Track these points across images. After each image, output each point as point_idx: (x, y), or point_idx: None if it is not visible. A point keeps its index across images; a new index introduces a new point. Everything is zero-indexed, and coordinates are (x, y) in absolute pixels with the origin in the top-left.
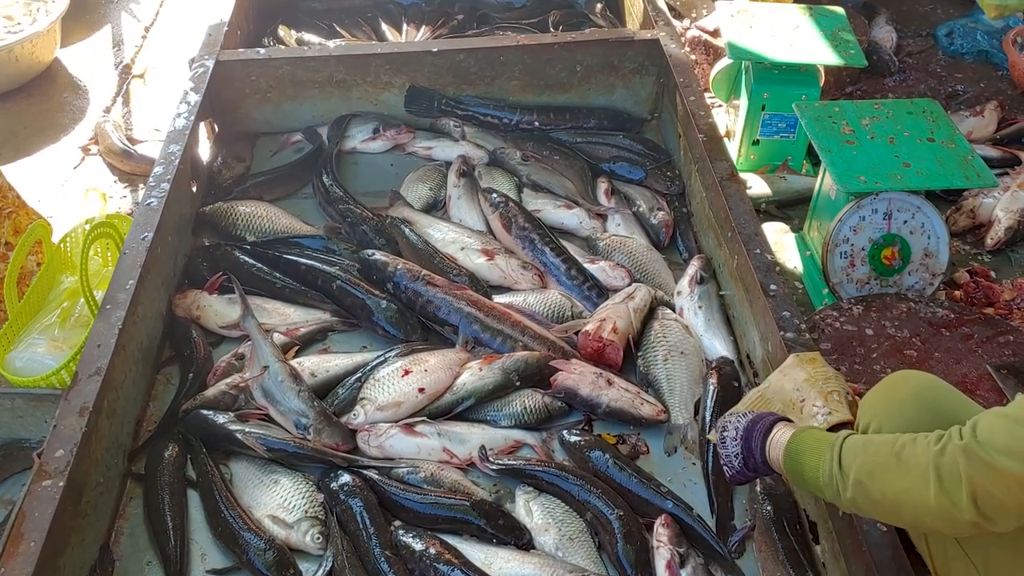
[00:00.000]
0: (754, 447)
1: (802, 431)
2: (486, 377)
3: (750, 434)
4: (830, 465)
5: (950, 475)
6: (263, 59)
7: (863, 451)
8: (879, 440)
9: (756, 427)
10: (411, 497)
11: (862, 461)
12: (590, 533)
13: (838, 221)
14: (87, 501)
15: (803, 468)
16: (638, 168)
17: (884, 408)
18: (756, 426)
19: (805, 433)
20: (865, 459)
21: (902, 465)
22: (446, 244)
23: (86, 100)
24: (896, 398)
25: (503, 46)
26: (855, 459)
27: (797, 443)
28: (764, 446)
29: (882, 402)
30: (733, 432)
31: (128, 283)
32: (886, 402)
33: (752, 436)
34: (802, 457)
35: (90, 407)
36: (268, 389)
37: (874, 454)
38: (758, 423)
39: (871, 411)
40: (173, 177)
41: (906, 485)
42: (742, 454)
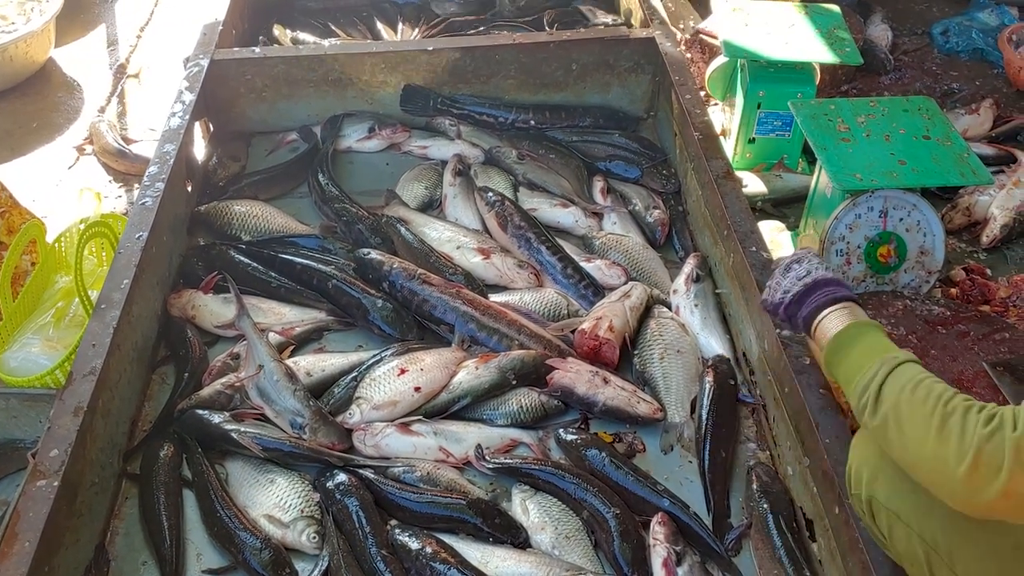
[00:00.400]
0: (807, 305)
1: (863, 327)
2: (482, 376)
3: (813, 292)
4: (870, 380)
5: (990, 463)
6: (258, 58)
7: (910, 392)
8: (928, 390)
9: (823, 289)
10: (407, 496)
11: (903, 403)
12: (586, 531)
13: (834, 219)
14: (82, 501)
15: (843, 362)
16: (634, 167)
17: (878, 457)
18: (825, 288)
19: (865, 330)
20: (907, 403)
21: (942, 433)
22: (442, 243)
23: (81, 100)
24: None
25: (499, 44)
26: (897, 395)
27: (851, 335)
28: (817, 313)
29: (875, 449)
30: (803, 274)
31: (123, 282)
32: (880, 451)
33: (814, 295)
34: (849, 351)
35: (85, 407)
36: (264, 388)
37: (919, 404)
38: (828, 288)
39: (863, 457)
40: (168, 176)
41: (937, 452)
42: (791, 302)
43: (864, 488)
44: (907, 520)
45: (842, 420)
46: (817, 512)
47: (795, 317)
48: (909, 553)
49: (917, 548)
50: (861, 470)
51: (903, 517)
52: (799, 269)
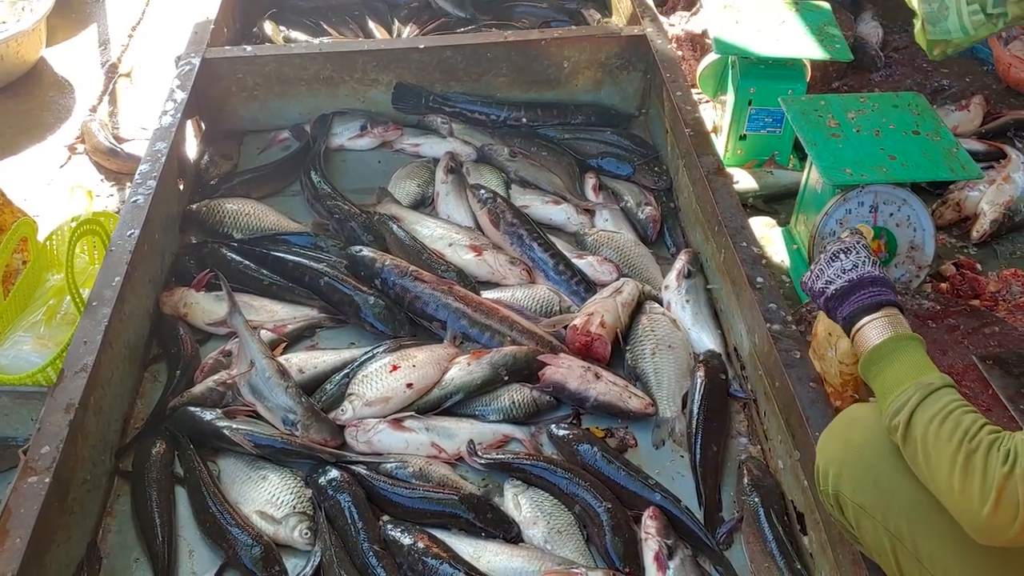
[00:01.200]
0: (849, 304)
1: (903, 341)
2: (474, 372)
3: (857, 290)
4: (903, 404)
5: (1010, 503)
6: (249, 56)
7: (938, 425)
8: (956, 424)
9: (868, 290)
10: (399, 492)
11: (931, 435)
12: (578, 526)
13: (824, 214)
14: (74, 498)
15: (879, 376)
16: (626, 164)
17: (842, 454)
18: (870, 289)
19: (904, 344)
20: (934, 435)
21: (966, 472)
22: (434, 240)
23: (72, 99)
24: (853, 443)
25: (490, 42)
26: (926, 425)
27: (890, 349)
28: (858, 316)
29: (839, 447)
30: (849, 267)
31: (114, 280)
32: (843, 447)
33: (857, 294)
34: (887, 367)
35: (76, 404)
36: (255, 386)
37: (945, 439)
38: (873, 288)
39: (828, 455)
40: (160, 174)
41: (963, 490)
42: (833, 295)
43: (831, 484)
44: (872, 513)
45: (832, 413)
46: (808, 505)
47: (834, 312)
48: (876, 544)
49: (883, 539)
50: (827, 467)
51: (868, 510)
52: (845, 261)
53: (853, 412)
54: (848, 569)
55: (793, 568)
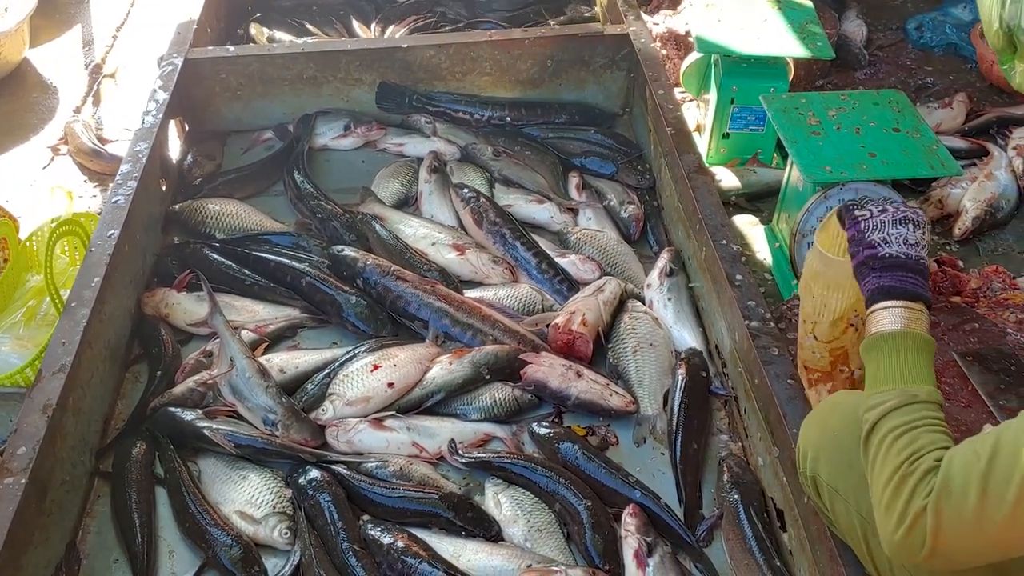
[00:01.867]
0: (883, 277)
1: (911, 341)
2: (456, 371)
3: (900, 269)
4: (879, 403)
5: (919, 534)
6: (232, 56)
7: (894, 438)
8: (910, 441)
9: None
10: (380, 491)
11: (886, 445)
12: (559, 524)
13: (805, 212)
14: (52, 499)
15: (874, 362)
16: (609, 163)
17: (819, 437)
18: (911, 275)
19: (911, 345)
20: (887, 447)
21: (897, 492)
22: (417, 240)
23: (56, 100)
24: (830, 428)
25: (473, 42)
26: (887, 433)
27: (895, 344)
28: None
29: (817, 430)
30: (912, 241)
31: (94, 280)
32: (821, 431)
33: (898, 272)
34: (884, 358)
35: (54, 404)
36: (236, 386)
37: (894, 454)
38: (914, 277)
39: (807, 438)
40: (140, 175)
41: (888, 507)
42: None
43: (808, 466)
44: (845, 496)
45: (809, 409)
46: (787, 502)
47: (868, 273)
48: (849, 527)
49: (855, 522)
50: (806, 450)
51: (842, 493)
52: (913, 233)
53: (835, 398)
54: (826, 565)
55: (772, 565)
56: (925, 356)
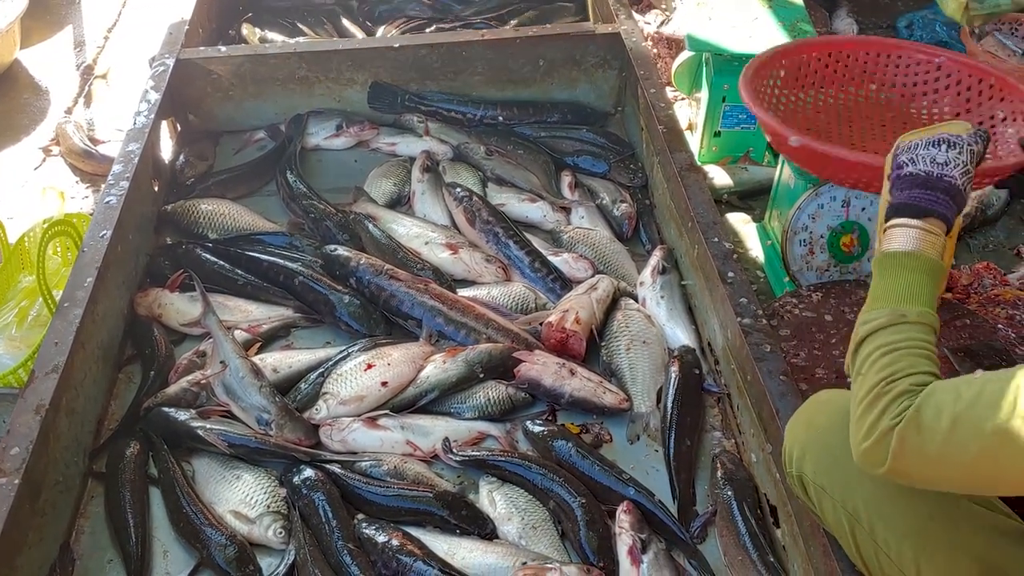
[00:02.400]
0: (906, 194)
1: (916, 261)
2: (450, 370)
3: (926, 187)
4: (871, 320)
5: (881, 452)
6: (223, 56)
7: (879, 355)
8: (892, 361)
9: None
10: (374, 490)
11: (869, 362)
12: (553, 521)
13: (796, 209)
14: (45, 500)
15: (878, 281)
16: (601, 161)
17: (805, 436)
18: (937, 195)
19: (915, 265)
20: (871, 364)
21: (870, 407)
22: (410, 239)
23: (47, 101)
24: (816, 426)
25: (465, 41)
26: (871, 351)
27: (899, 263)
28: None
29: (803, 429)
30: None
31: (86, 281)
32: (807, 430)
33: (921, 190)
34: (887, 276)
35: (47, 405)
36: (229, 386)
37: (875, 371)
38: (940, 198)
39: (794, 437)
40: (133, 175)
41: (859, 422)
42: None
43: (795, 465)
44: (832, 493)
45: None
46: (780, 498)
47: (891, 190)
48: (836, 524)
49: (842, 519)
50: (792, 449)
51: (828, 490)
52: (944, 153)
53: (820, 397)
54: (819, 560)
55: (766, 560)
56: (927, 278)
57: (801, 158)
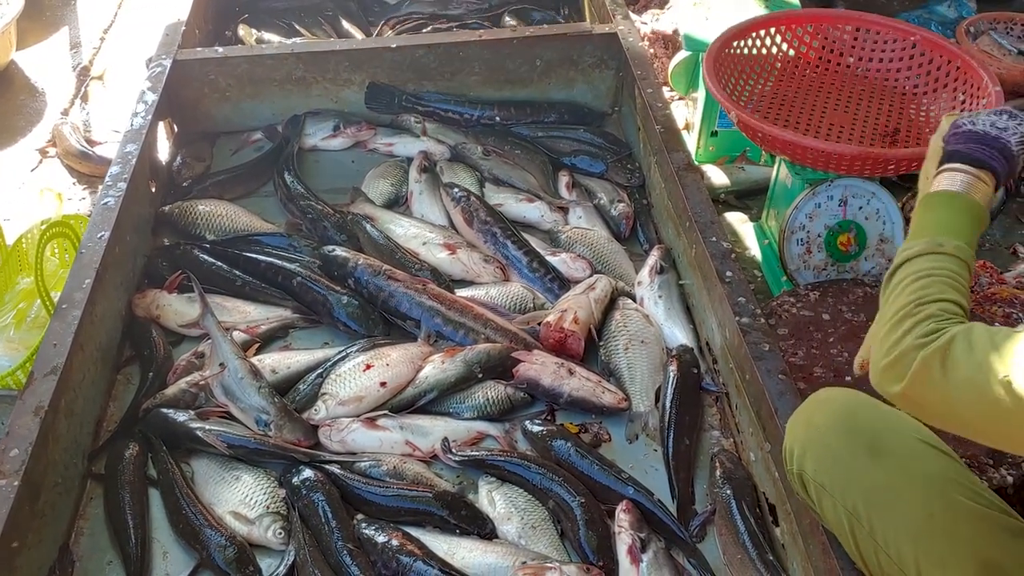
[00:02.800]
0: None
1: (962, 202)
2: (448, 370)
3: (984, 142)
4: (908, 247)
5: (900, 371)
6: (220, 57)
7: (912, 279)
8: (923, 287)
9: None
10: (374, 490)
11: (902, 284)
12: (552, 521)
13: (794, 208)
14: (45, 501)
15: (919, 217)
16: (599, 161)
17: (805, 434)
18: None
19: (960, 205)
20: (903, 286)
21: (895, 326)
22: (408, 239)
23: (43, 102)
24: (815, 425)
25: (462, 41)
26: (905, 275)
27: (943, 202)
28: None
29: (803, 428)
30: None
31: (85, 282)
32: (806, 428)
33: (977, 144)
34: (931, 212)
35: (46, 406)
36: (228, 386)
37: (907, 293)
38: (995, 151)
39: (794, 436)
40: (130, 176)
41: (882, 339)
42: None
43: (795, 463)
44: (831, 491)
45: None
46: (779, 497)
47: (948, 142)
48: (836, 523)
49: (842, 517)
50: (793, 447)
51: (828, 488)
52: (1004, 120)
53: (820, 395)
54: (819, 558)
55: (765, 559)
56: (970, 219)
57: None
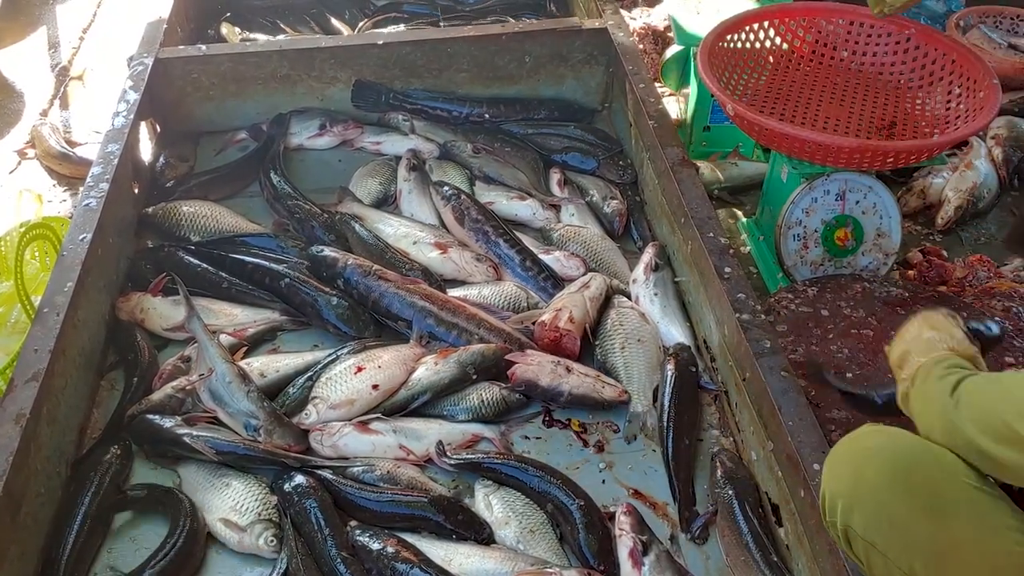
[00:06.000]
0: None
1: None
2: (442, 371)
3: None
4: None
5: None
6: (204, 55)
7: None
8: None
9: None
10: (367, 496)
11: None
12: (551, 525)
13: (790, 203)
14: (27, 512)
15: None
16: (590, 158)
17: (853, 490)
18: None
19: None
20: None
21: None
22: (398, 239)
23: (22, 103)
24: (866, 480)
25: (450, 38)
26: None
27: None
28: None
29: (849, 481)
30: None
31: (66, 286)
32: (855, 481)
33: None
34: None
35: (27, 414)
36: (216, 391)
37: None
38: None
39: (837, 487)
40: (112, 177)
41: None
42: None
43: (839, 517)
44: (885, 552)
45: (804, 402)
46: (782, 496)
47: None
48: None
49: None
50: (836, 500)
51: (880, 549)
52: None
53: (865, 442)
54: (825, 559)
55: (769, 560)
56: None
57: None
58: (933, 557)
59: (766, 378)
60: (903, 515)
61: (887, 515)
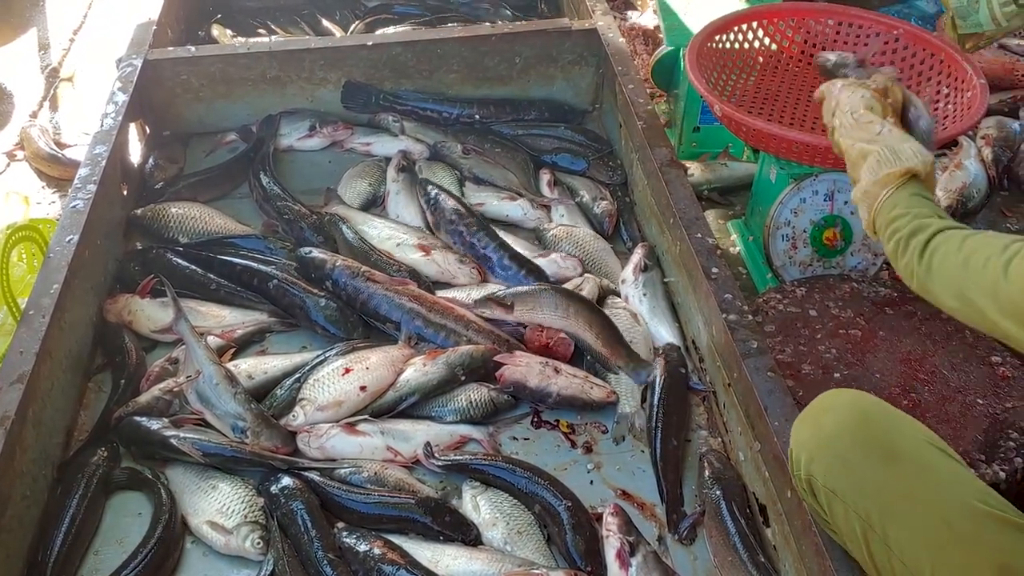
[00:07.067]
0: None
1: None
2: (430, 373)
3: None
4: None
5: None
6: (193, 57)
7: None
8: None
9: None
10: (354, 498)
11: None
12: (539, 526)
13: (779, 204)
14: (12, 515)
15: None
16: (580, 159)
17: (814, 440)
18: None
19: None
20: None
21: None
22: (382, 241)
23: (11, 105)
24: (824, 430)
25: (440, 39)
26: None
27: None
28: None
29: (810, 433)
30: None
31: (53, 287)
32: (815, 433)
33: None
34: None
35: (12, 416)
36: (203, 393)
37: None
38: None
39: (800, 441)
40: (100, 178)
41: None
42: None
43: (803, 469)
44: (843, 498)
45: (791, 402)
46: (770, 497)
47: None
48: (848, 530)
49: (854, 524)
50: (800, 452)
51: (839, 495)
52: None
53: (826, 399)
54: (811, 559)
55: (757, 561)
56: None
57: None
58: (887, 503)
59: (753, 379)
60: (859, 461)
61: (844, 461)
